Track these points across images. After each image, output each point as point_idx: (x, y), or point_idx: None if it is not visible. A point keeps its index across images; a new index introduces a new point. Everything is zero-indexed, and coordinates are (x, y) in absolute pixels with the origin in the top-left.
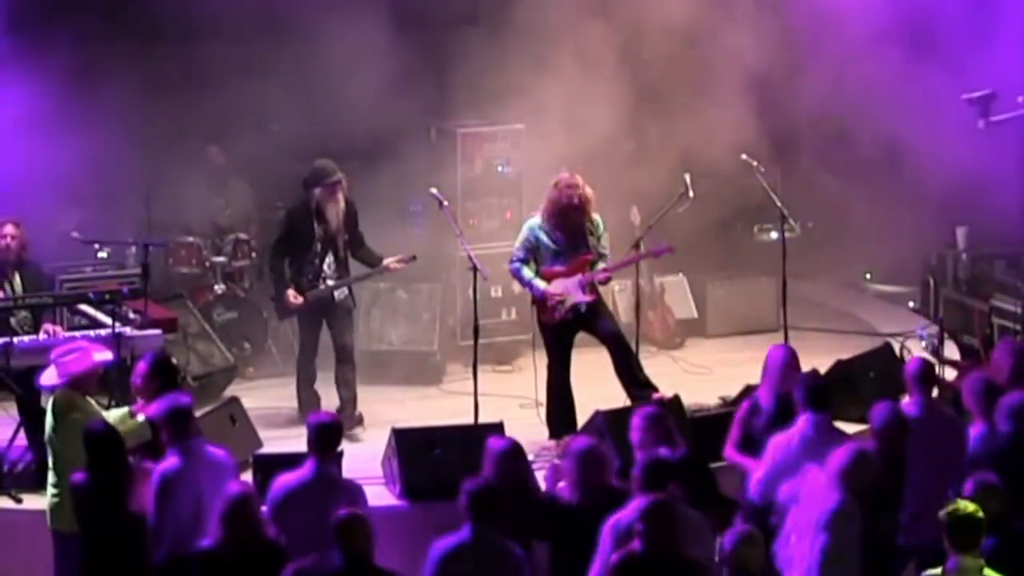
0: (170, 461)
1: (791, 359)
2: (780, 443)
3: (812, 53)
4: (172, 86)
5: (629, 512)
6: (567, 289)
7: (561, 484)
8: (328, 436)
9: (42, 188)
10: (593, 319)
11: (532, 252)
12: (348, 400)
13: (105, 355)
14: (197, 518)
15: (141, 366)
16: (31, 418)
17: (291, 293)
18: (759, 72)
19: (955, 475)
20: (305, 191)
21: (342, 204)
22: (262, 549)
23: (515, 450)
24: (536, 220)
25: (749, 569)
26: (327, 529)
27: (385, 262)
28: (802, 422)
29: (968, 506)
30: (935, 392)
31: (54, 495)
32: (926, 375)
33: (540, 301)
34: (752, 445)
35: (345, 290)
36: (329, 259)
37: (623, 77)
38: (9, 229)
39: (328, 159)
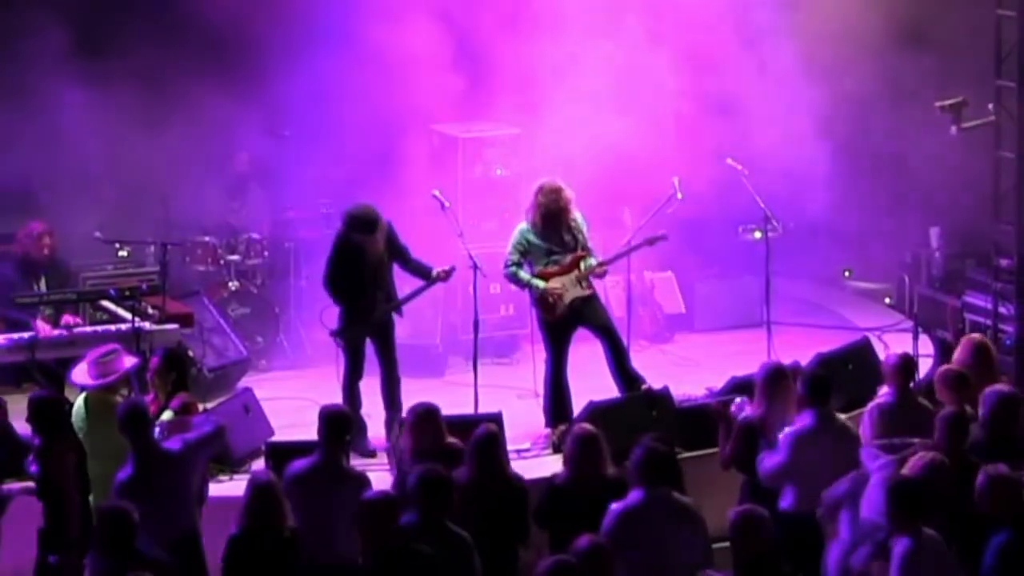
0: (126, 470)
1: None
2: (790, 436)
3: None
4: (196, 89)
5: (628, 502)
6: (565, 285)
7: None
8: (337, 427)
9: (74, 187)
10: (589, 313)
11: (524, 255)
12: (394, 418)
13: (133, 360)
14: (162, 512)
15: (155, 361)
16: None
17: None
18: (745, 80)
19: None
20: (344, 228)
21: (381, 246)
22: (285, 537)
23: (488, 439)
24: (525, 225)
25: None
26: (335, 514)
27: (434, 272)
28: (806, 417)
29: (908, 479)
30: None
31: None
32: (904, 368)
33: (541, 300)
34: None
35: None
36: (378, 292)
37: (615, 86)
38: (45, 240)
39: (370, 206)
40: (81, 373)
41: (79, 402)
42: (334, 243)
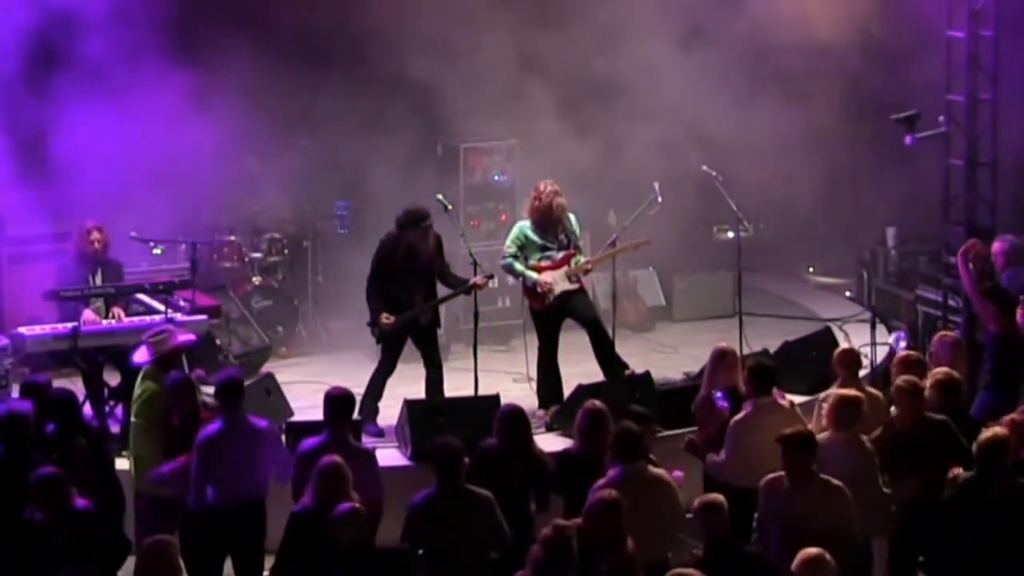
0: (214, 425)
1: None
2: (734, 426)
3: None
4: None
5: (606, 480)
6: (555, 279)
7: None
8: (341, 408)
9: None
10: (576, 307)
11: (521, 248)
12: None
13: (188, 336)
14: (237, 475)
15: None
16: (95, 392)
17: (384, 315)
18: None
19: None
20: (397, 230)
21: (431, 243)
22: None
23: (518, 414)
24: (525, 222)
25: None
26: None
27: (471, 281)
28: (748, 405)
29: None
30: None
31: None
32: (852, 361)
33: (531, 290)
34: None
35: (429, 315)
36: (418, 290)
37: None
38: (96, 234)
39: (420, 204)
40: (140, 353)
41: (140, 378)
42: (381, 248)
